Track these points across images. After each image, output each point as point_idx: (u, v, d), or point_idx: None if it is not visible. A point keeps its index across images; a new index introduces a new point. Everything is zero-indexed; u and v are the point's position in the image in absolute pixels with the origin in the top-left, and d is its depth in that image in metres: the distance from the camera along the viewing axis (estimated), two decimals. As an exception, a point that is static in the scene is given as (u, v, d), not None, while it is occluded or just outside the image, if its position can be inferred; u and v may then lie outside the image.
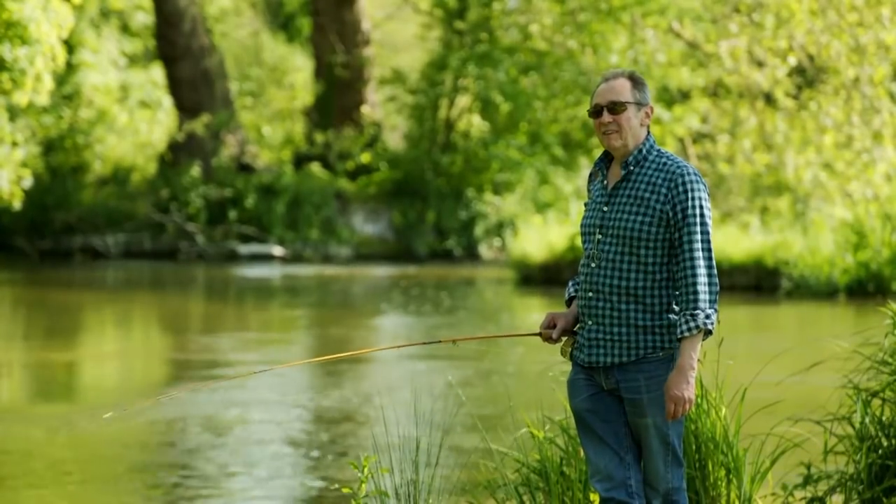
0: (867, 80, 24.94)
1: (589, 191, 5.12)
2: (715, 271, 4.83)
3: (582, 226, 5.04)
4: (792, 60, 26.16)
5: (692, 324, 4.73)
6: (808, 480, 6.44)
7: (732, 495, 5.96)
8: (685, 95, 30.90)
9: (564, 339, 5.11)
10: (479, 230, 32.35)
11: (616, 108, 4.93)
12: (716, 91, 29.25)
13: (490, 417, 10.52)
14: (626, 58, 30.04)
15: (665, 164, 4.91)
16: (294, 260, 31.18)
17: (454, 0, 33.75)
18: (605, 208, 4.96)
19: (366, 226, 33.36)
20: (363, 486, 5.58)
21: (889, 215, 21.62)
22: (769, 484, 6.40)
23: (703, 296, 4.76)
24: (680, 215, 4.82)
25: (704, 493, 5.95)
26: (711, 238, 4.85)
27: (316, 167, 33.66)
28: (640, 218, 4.85)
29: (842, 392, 6.65)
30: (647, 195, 4.87)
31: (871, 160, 24.80)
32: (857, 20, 24.94)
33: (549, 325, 5.12)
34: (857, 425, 6.36)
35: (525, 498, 6.15)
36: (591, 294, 4.95)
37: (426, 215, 32.65)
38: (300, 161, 34.84)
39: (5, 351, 15.86)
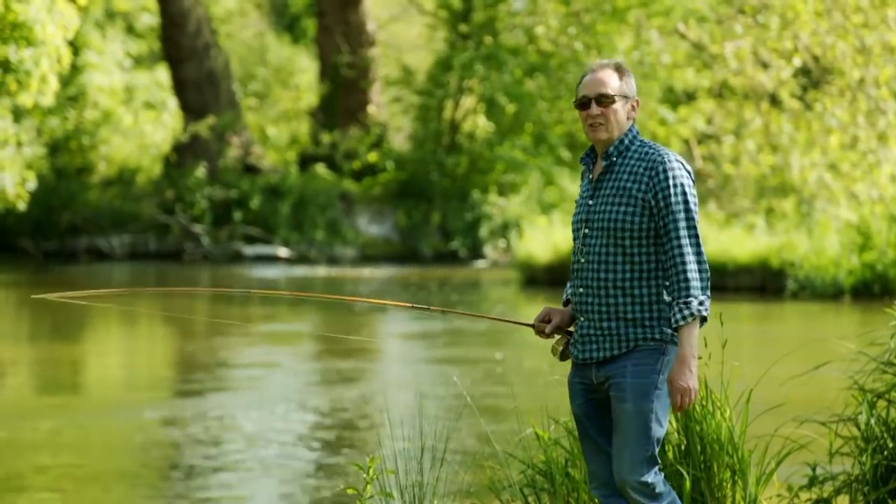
0: (872, 81, 24.91)
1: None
2: (704, 257, 4.77)
3: (572, 223, 5.00)
4: (797, 61, 26.14)
5: (686, 311, 4.68)
6: (813, 482, 6.43)
7: (738, 496, 5.95)
8: (690, 96, 30.88)
9: (557, 337, 5.08)
10: (484, 231, 32.34)
11: (604, 100, 4.87)
12: (721, 92, 29.22)
13: (495, 418, 10.51)
14: (631, 59, 30.01)
15: (647, 153, 4.85)
16: (299, 261, 31.19)
17: (459, 1, 33.75)
18: (591, 202, 4.92)
19: (371, 227, 33.36)
20: (368, 486, 5.57)
21: (895, 216, 21.60)
22: (775, 485, 6.40)
23: (695, 283, 4.71)
24: (662, 203, 4.76)
25: (710, 494, 5.94)
26: (698, 224, 4.78)
27: (321, 168, 33.67)
28: (622, 208, 4.80)
29: (847, 393, 6.64)
30: (629, 185, 4.81)
31: (877, 161, 24.77)
32: (863, 21, 24.91)
33: (545, 319, 5.08)
34: (863, 426, 6.35)
35: (530, 499, 6.14)
36: (581, 290, 4.91)
37: (431, 216, 32.64)
38: (305, 162, 34.85)
39: (11, 350, 15.87)
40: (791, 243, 22.42)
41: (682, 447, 5.97)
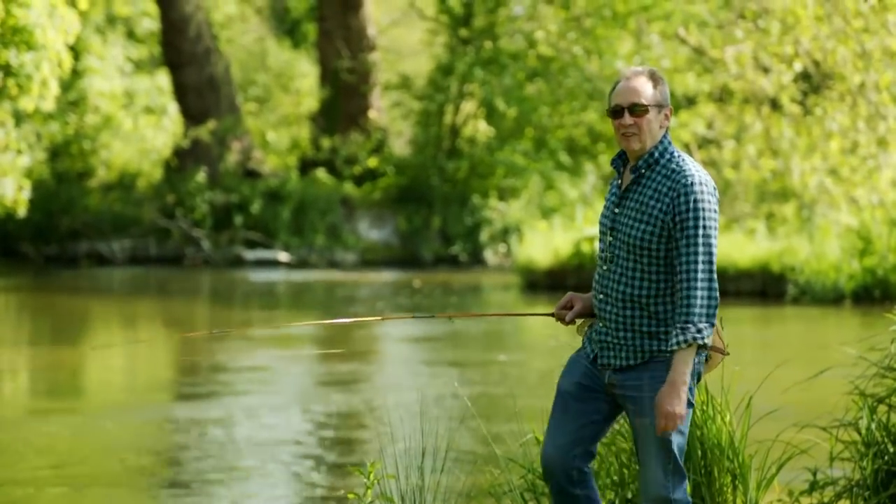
0: (873, 85, 24.91)
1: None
2: (715, 285, 4.71)
3: (599, 223, 4.98)
4: (797, 66, 26.13)
5: (681, 337, 4.64)
6: (813, 486, 6.43)
7: (738, 501, 5.95)
8: (691, 101, 30.87)
9: (580, 321, 5.07)
10: (484, 236, 32.33)
11: (637, 109, 4.79)
12: (721, 97, 29.22)
13: (496, 421, 10.51)
14: (631, 63, 30.01)
15: (674, 170, 4.78)
16: (299, 265, 31.19)
17: (459, 6, 33.76)
18: (617, 210, 4.89)
19: (371, 231, 33.35)
20: (369, 491, 5.57)
21: (895, 221, 21.60)
22: (775, 490, 6.39)
23: (698, 309, 4.65)
24: (680, 225, 4.71)
25: (710, 499, 5.94)
26: (714, 250, 4.71)
27: (321, 173, 33.68)
28: (642, 226, 4.77)
29: (848, 398, 6.64)
30: (651, 202, 4.77)
31: (877, 166, 24.76)
32: (863, 26, 24.90)
33: (566, 305, 5.06)
34: (863, 431, 6.35)
35: None
36: (602, 296, 4.91)
37: (431, 221, 32.65)
38: (306, 166, 34.86)
39: (11, 355, 15.87)
40: (792, 248, 22.42)
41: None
